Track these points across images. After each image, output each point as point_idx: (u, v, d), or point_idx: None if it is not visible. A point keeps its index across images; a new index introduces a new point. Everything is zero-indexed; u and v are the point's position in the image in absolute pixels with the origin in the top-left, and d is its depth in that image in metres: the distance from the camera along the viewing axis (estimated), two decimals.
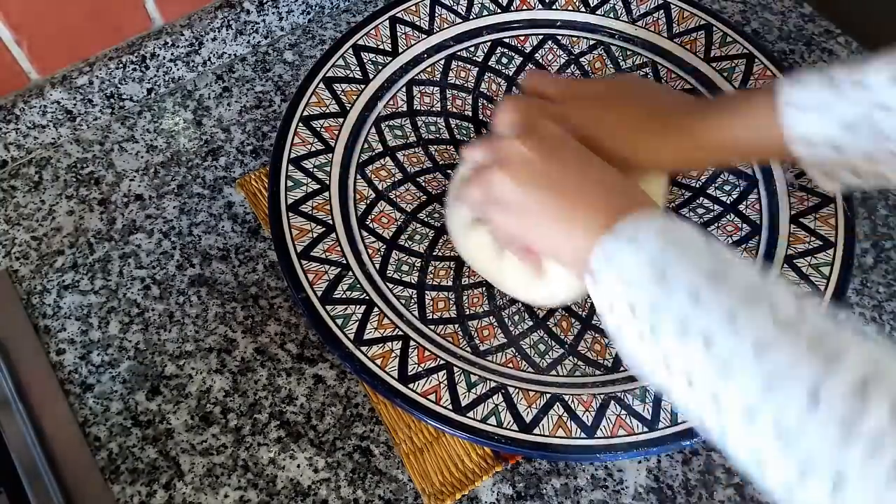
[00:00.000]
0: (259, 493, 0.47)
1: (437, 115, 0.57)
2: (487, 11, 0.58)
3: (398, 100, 0.56)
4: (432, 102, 0.57)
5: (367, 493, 0.47)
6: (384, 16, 0.57)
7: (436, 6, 0.58)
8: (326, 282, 0.47)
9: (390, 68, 0.56)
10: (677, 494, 0.47)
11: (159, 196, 0.58)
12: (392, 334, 0.46)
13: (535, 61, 0.59)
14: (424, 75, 0.57)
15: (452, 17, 0.58)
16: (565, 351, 0.48)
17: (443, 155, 0.56)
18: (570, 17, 0.59)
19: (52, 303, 0.53)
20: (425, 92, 0.57)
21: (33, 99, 0.56)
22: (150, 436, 0.48)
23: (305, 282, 0.47)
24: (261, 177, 0.58)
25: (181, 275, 0.54)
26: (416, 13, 0.57)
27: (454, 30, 0.58)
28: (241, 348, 0.51)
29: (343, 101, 0.54)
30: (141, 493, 0.46)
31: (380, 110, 0.55)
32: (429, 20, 0.57)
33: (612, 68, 0.58)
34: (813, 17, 0.69)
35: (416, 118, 0.56)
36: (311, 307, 0.46)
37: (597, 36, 0.59)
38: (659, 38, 0.58)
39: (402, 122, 0.56)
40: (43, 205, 0.57)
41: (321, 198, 0.50)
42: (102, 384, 0.50)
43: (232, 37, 0.63)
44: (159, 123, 0.62)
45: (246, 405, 0.49)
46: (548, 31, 0.59)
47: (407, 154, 0.55)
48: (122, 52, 0.59)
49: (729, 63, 0.56)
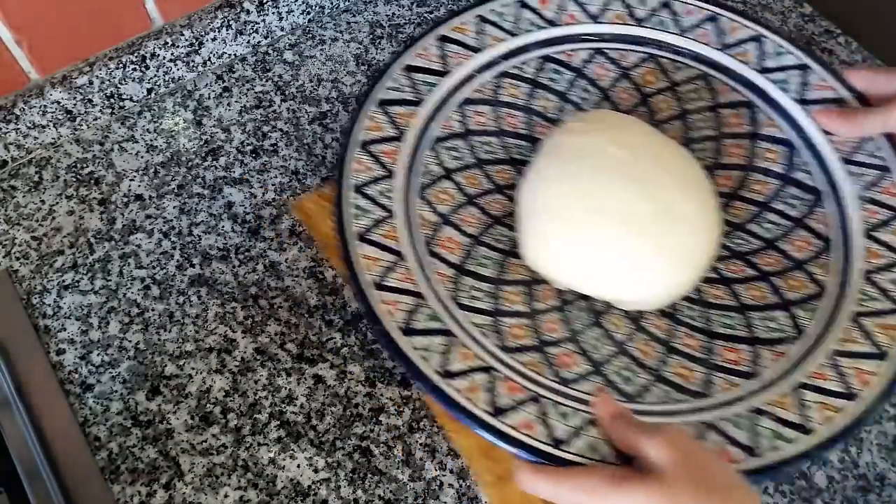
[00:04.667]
0: (259, 493, 0.47)
1: (493, 134, 0.55)
2: (535, 27, 0.57)
3: (452, 120, 0.54)
4: (486, 122, 0.55)
5: (367, 493, 0.47)
6: (432, 34, 0.55)
7: (483, 23, 0.56)
8: (404, 312, 0.45)
9: (442, 88, 0.54)
10: None
11: (159, 196, 0.58)
12: (476, 365, 0.44)
13: (584, 76, 0.57)
14: (476, 94, 0.56)
15: (500, 33, 0.56)
16: (651, 377, 0.46)
17: (502, 175, 0.54)
18: (617, 30, 0.57)
19: (52, 303, 0.53)
20: (478, 111, 0.55)
21: (33, 99, 0.56)
22: (150, 436, 0.48)
23: (385, 314, 0.44)
24: (318, 200, 0.56)
25: (181, 275, 0.54)
26: (464, 31, 0.56)
27: (503, 47, 0.56)
28: (241, 348, 0.52)
29: (399, 123, 0.52)
30: (141, 493, 0.46)
31: (435, 132, 0.53)
32: (476, 37, 0.56)
33: (665, 82, 0.57)
34: (813, 17, 0.69)
35: (472, 138, 0.55)
36: (390, 340, 0.44)
37: (646, 49, 0.57)
38: (710, 49, 0.56)
39: (458, 144, 0.54)
40: (43, 205, 0.57)
41: (388, 225, 0.48)
42: (102, 384, 0.50)
43: (232, 37, 0.63)
44: (159, 123, 0.62)
45: (246, 405, 0.50)
46: (596, 44, 0.57)
47: (466, 176, 0.53)
48: (122, 52, 0.59)
49: (783, 74, 0.55)
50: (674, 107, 0.56)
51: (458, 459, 0.48)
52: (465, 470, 0.48)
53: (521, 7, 0.57)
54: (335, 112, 0.62)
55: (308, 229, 0.56)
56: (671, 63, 0.57)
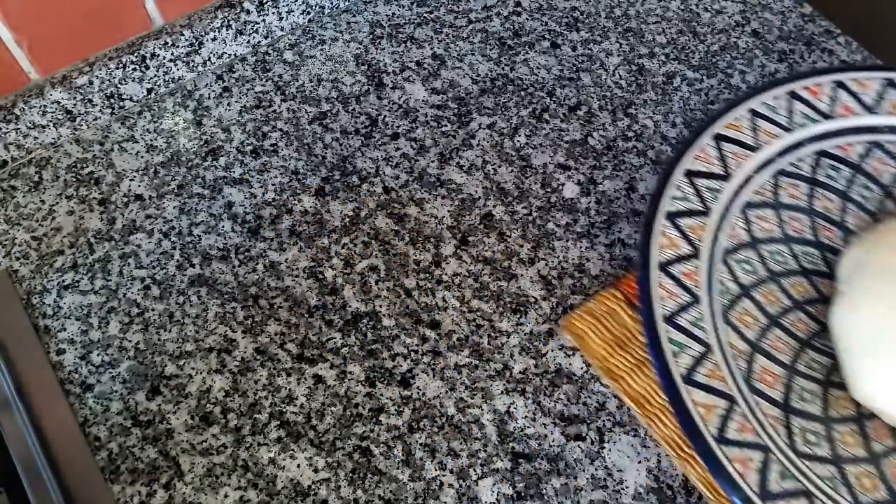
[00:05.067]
0: (259, 493, 0.47)
1: (779, 241, 0.51)
2: (809, 120, 0.53)
3: (738, 228, 0.50)
4: (770, 228, 0.51)
5: (367, 493, 0.47)
6: (707, 133, 0.52)
7: (756, 118, 0.53)
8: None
9: (726, 193, 0.50)
10: (677, 494, 0.47)
11: (159, 196, 0.58)
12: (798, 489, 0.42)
13: (863, 171, 0.54)
14: (757, 196, 0.52)
15: (775, 129, 0.53)
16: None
17: (797, 289, 0.50)
18: (895, 121, 0.53)
19: (52, 303, 0.53)
20: (761, 216, 0.51)
21: (33, 99, 0.56)
22: (150, 436, 0.48)
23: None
24: (583, 316, 0.52)
25: (181, 275, 0.54)
26: (739, 128, 0.53)
27: (779, 143, 0.53)
28: (241, 348, 0.52)
29: (691, 238, 0.48)
30: (141, 493, 0.46)
31: (724, 243, 0.49)
32: (752, 135, 0.53)
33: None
34: (813, 17, 0.69)
35: (760, 247, 0.51)
36: (709, 452, 0.42)
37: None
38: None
39: (748, 255, 0.50)
40: (43, 205, 0.57)
41: (709, 362, 0.44)
42: (102, 384, 0.50)
43: (232, 37, 0.63)
44: (159, 123, 0.62)
45: (246, 405, 0.50)
46: (873, 137, 0.54)
47: (762, 292, 0.49)
48: (122, 52, 0.59)
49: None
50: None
51: (458, 459, 0.48)
52: (465, 470, 0.48)
53: (792, 99, 0.54)
54: (335, 112, 0.62)
55: (581, 349, 0.52)
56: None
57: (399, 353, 0.52)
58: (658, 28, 0.69)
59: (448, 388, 0.51)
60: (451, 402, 0.50)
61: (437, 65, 0.66)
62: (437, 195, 0.59)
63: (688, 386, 0.43)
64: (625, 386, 0.50)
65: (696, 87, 0.65)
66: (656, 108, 0.64)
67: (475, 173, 0.60)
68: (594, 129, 0.62)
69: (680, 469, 0.46)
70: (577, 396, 0.50)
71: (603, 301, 0.53)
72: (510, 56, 0.66)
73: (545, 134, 0.62)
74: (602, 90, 0.65)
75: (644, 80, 0.65)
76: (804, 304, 0.50)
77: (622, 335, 0.52)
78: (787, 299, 0.50)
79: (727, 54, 0.67)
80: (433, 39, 0.67)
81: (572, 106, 0.64)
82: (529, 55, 0.67)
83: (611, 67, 0.66)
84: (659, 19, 0.69)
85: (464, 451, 0.48)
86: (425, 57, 0.66)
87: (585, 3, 0.70)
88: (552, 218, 0.58)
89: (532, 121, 0.63)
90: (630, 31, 0.68)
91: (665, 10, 0.70)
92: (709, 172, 0.51)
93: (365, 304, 0.53)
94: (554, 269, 0.55)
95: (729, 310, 0.47)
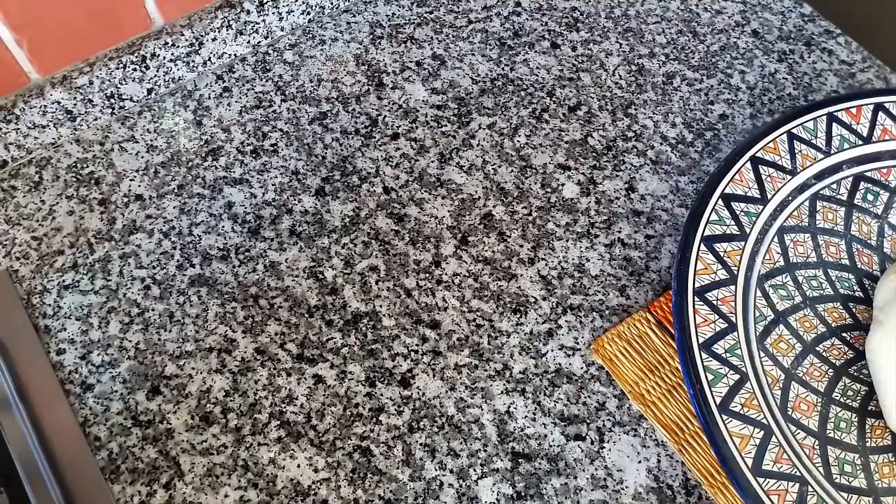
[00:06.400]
0: (259, 493, 0.47)
1: (814, 266, 0.51)
2: (848, 144, 0.53)
3: (773, 253, 0.50)
4: (806, 252, 0.51)
5: (367, 493, 0.47)
6: (745, 156, 0.51)
7: (794, 141, 0.53)
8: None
9: (763, 217, 0.50)
10: (677, 494, 0.47)
11: (159, 196, 0.58)
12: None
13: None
14: (792, 220, 0.51)
15: (813, 152, 0.53)
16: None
17: (833, 315, 0.50)
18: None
19: (52, 303, 0.53)
20: (797, 240, 0.51)
21: (33, 99, 0.56)
22: (150, 436, 0.48)
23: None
24: (613, 339, 0.52)
25: (181, 275, 0.54)
26: (776, 151, 0.52)
27: (816, 167, 0.52)
28: (241, 348, 0.52)
29: (728, 263, 0.48)
30: (141, 493, 0.46)
31: (759, 268, 0.49)
32: (790, 158, 0.52)
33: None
34: (813, 17, 0.69)
35: (795, 272, 0.50)
36: (747, 484, 0.41)
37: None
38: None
39: (784, 280, 0.50)
40: (43, 205, 0.57)
41: (745, 391, 0.44)
42: (102, 384, 0.50)
43: (232, 37, 0.63)
44: (159, 123, 0.62)
45: (246, 405, 0.50)
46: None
47: (798, 318, 0.49)
48: (122, 52, 0.59)
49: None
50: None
51: (457, 459, 0.48)
52: (465, 470, 0.48)
53: (831, 121, 0.53)
54: (335, 112, 0.62)
55: (611, 373, 0.52)
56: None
57: (399, 353, 0.52)
58: (658, 28, 0.69)
59: (448, 388, 0.51)
60: (451, 402, 0.50)
61: (437, 65, 0.66)
62: (437, 195, 0.59)
63: (723, 415, 0.43)
64: (657, 413, 0.49)
65: (695, 87, 0.65)
66: (656, 108, 0.64)
67: (475, 173, 0.60)
68: (594, 129, 0.62)
69: (712, 496, 0.47)
70: (577, 396, 0.51)
71: (633, 323, 0.53)
72: (510, 56, 0.66)
73: (545, 134, 0.62)
74: (602, 90, 0.65)
75: (644, 80, 0.65)
76: (839, 330, 0.49)
77: (654, 359, 0.51)
78: (822, 325, 0.49)
79: (727, 54, 0.67)
80: (433, 39, 0.67)
81: (572, 106, 0.64)
82: (529, 55, 0.67)
83: (611, 67, 0.66)
84: (659, 19, 0.69)
85: (464, 450, 0.48)
86: (425, 57, 0.66)
87: (585, 3, 0.70)
88: (552, 218, 0.58)
89: (532, 121, 0.63)
90: (630, 31, 0.68)
91: (665, 10, 0.70)
92: (745, 196, 0.50)
93: (365, 304, 0.53)
94: (554, 269, 0.56)
95: (764, 336, 0.47)
